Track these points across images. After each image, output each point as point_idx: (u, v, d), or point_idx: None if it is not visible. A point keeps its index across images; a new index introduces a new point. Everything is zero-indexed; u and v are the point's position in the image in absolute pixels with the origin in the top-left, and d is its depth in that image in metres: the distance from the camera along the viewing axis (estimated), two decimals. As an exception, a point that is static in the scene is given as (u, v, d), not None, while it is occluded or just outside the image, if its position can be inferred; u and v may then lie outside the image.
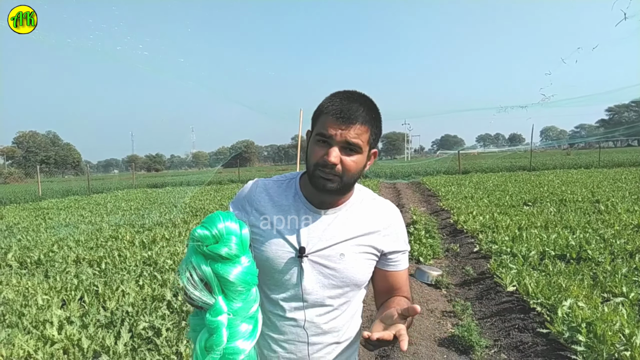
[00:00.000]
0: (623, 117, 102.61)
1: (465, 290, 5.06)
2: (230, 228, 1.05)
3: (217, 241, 1.03)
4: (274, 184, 1.36)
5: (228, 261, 1.04)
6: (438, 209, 11.01)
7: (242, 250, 1.07)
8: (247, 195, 1.35)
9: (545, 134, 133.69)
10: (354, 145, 1.18)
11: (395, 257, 1.34)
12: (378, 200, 1.37)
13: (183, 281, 1.02)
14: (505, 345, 3.57)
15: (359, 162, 1.22)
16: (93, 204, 17.41)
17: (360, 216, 1.31)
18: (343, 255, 1.26)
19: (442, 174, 25.60)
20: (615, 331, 3.07)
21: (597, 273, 4.62)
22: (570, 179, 16.72)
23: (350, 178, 1.22)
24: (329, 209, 1.29)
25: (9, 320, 4.07)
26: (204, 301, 1.02)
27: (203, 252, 1.03)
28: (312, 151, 1.22)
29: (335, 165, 1.17)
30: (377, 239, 1.30)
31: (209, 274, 1.02)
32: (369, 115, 1.21)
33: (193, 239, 1.04)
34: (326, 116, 1.19)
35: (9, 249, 7.60)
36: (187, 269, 1.03)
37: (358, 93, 1.25)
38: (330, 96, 1.24)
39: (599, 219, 7.48)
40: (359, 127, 1.18)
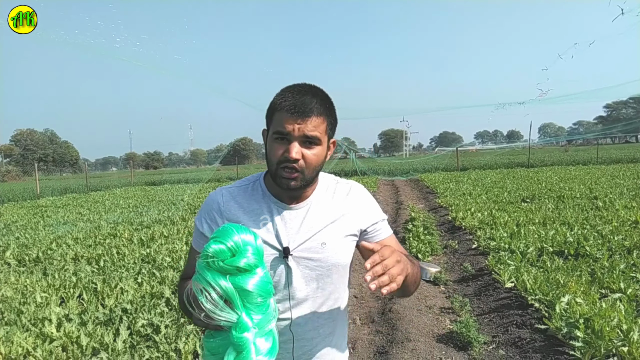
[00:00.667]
0: (621, 114, 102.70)
1: (464, 286, 5.07)
2: (245, 239, 1.03)
3: (234, 254, 1.01)
4: (238, 190, 1.35)
5: (245, 273, 1.01)
6: (436, 205, 11.02)
7: (259, 261, 1.04)
8: (215, 207, 1.32)
9: (543, 131, 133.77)
10: (313, 138, 1.18)
11: (375, 228, 1.36)
12: (342, 182, 1.39)
13: (202, 302, 0.97)
14: (503, 341, 3.58)
15: (320, 154, 1.22)
16: (91, 201, 17.41)
17: (330, 201, 1.32)
18: (325, 244, 1.27)
19: (440, 170, 25.63)
20: (613, 327, 3.08)
21: (595, 269, 4.64)
22: (568, 175, 16.76)
23: (313, 171, 1.23)
24: (300, 202, 1.30)
25: (7, 318, 4.07)
26: (227, 319, 0.98)
27: (218, 268, 0.99)
28: (271, 150, 1.21)
29: (297, 160, 1.17)
30: (353, 218, 1.32)
31: (229, 289, 0.98)
32: (322, 106, 1.21)
33: (206, 256, 1.00)
34: (280, 113, 1.19)
35: (7, 247, 7.60)
36: (204, 289, 0.98)
37: (308, 85, 1.25)
38: (281, 92, 1.23)
39: (596, 216, 7.49)
40: (315, 119, 1.18)
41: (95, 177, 46.06)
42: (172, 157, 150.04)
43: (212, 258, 0.99)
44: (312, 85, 1.26)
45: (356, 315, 4.36)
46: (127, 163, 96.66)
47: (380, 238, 1.36)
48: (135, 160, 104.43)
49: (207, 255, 0.99)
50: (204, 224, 1.31)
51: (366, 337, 3.87)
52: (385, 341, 3.73)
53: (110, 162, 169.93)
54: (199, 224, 1.33)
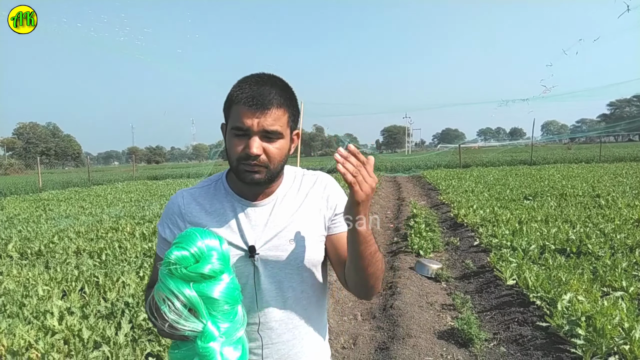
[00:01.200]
0: (624, 112, 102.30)
1: (465, 283, 5.07)
2: (210, 245, 0.99)
3: (198, 260, 0.96)
4: (200, 190, 1.28)
5: (211, 279, 0.97)
6: (438, 202, 11.01)
7: (225, 266, 1.00)
8: (176, 211, 1.25)
9: (546, 129, 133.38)
10: (274, 132, 1.12)
11: (340, 217, 1.27)
12: (308, 174, 1.33)
13: (165, 312, 0.93)
14: (504, 339, 3.58)
15: (283, 147, 1.16)
16: (93, 195, 17.44)
17: (297, 195, 1.26)
18: (292, 241, 1.21)
19: (442, 167, 25.62)
20: (615, 325, 3.08)
21: (597, 267, 4.63)
22: (571, 173, 16.72)
23: (277, 165, 1.16)
24: (265, 199, 1.23)
25: (9, 311, 4.08)
26: (193, 329, 0.94)
27: (181, 275, 0.94)
28: (231, 146, 1.14)
29: (258, 156, 1.11)
30: (320, 210, 1.26)
31: (194, 298, 0.94)
32: (282, 96, 1.14)
33: (168, 263, 0.95)
34: (238, 106, 1.12)
35: (9, 240, 7.61)
36: (166, 298, 0.94)
37: (267, 75, 1.18)
38: (238, 83, 1.16)
39: (599, 214, 7.48)
40: (275, 111, 1.12)
41: (97, 171, 46.17)
42: (175, 152, 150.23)
43: (174, 265, 0.94)
44: (270, 74, 1.19)
45: (357, 311, 4.36)
46: (130, 157, 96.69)
47: (341, 230, 1.27)
48: (137, 154, 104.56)
49: (169, 262, 0.95)
50: (166, 229, 1.25)
51: (367, 332, 3.87)
52: (386, 337, 3.73)
53: (113, 156, 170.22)
54: (161, 229, 1.26)
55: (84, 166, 69.13)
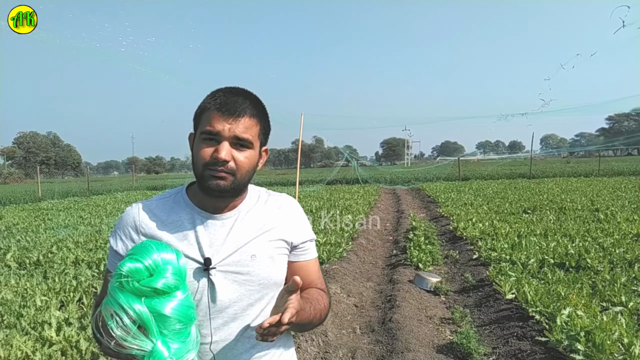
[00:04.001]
0: (623, 126, 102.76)
1: (464, 297, 5.06)
2: (165, 258, 0.94)
3: (152, 274, 0.91)
4: (157, 202, 1.23)
5: (164, 294, 0.92)
6: (437, 215, 11.01)
7: (180, 282, 0.95)
8: (129, 222, 1.19)
9: (545, 142, 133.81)
10: (244, 140, 1.10)
11: (304, 246, 1.28)
12: (274, 195, 1.30)
13: (112, 328, 0.87)
14: (503, 353, 3.57)
15: (252, 158, 1.14)
16: (92, 205, 17.42)
17: (261, 213, 1.23)
18: (255, 256, 1.17)
19: (442, 180, 25.64)
20: (614, 340, 3.07)
21: (596, 282, 4.62)
22: (570, 187, 16.74)
23: (244, 176, 1.14)
24: (227, 212, 1.19)
25: (7, 321, 4.06)
26: (141, 347, 0.88)
27: (133, 289, 0.89)
28: (198, 151, 1.11)
29: (226, 162, 1.08)
30: (284, 231, 1.23)
31: (144, 314, 0.88)
32: (255, 108, 1.14)
33: (120, 275, 0.89)
34: (210, 112, 1.11)
35: (8, 250, 7.59)
36: (115, 313, 0.88)
37: (241, 88, 1.18)
38: (212, 93, 1.16)
39: (598, 228, 7.48)
40: (248, 120, 1.11)
41: (97, 181, 46.15)
42: (174, 162, 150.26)
43: (126, 278, 0.89)
44: (244, 88, 1.19)
45: (356, 325, 4.35)
46: (129, 167, 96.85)
47: (306, 258, 1.29)
48: (137, 164, 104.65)
49: (121, 274, 0.89)
50: (118, 242, 1.19)
51: (366, 346, 3.86)
52: (385, 351, 3.71)
53: (112, 166, 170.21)
54: (113, 242, 1.20)
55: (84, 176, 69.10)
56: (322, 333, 3.91)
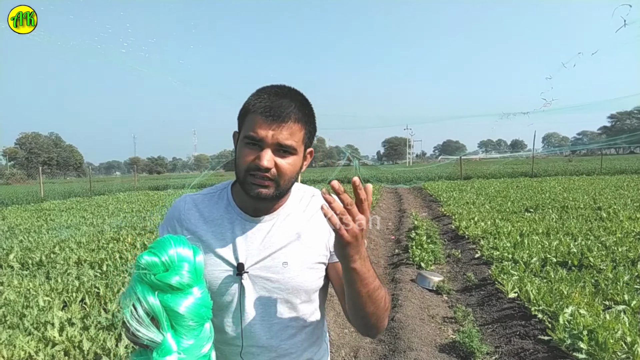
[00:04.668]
0: (625, 125, 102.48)
1: (467, 296, 5.05)
2: (182, 254, 0.95)
3: (167, 269, 0.93)
4: (203, 197, 1.23)
5: (179, 292, 0.93)
6: (439, 214, 11.00)
7: (195, 280, 0.96)
8: (176, 215, 1.21)
9: (547, 141, 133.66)
10: (288, 147, 1.06)
11: None
12: (318, 195, 1.24)
13: (126, 316, 0.90)
14: (506, 352, 3.56)
15: (295, 164, 1.10)
16: (95, 205, 17.44)
17: (301, 215, 1.19)
18: (286, 264, 1.13)
19: (443, 179, 25.59)
20: (617, 339, 3.07)
21: (598, 280, 4.61)
22: (572, 185, 16.71)
23: (287, 182, 1.11)
24: (266, 216, 1.17)
25: (10, 321, 4.07)
26: (150, 338, 0.90)
27: (150, 282, 0.91)
28: (241, 155, 1.09)
29: (268, 169, 1.05)
30: (323, 235, 1.18)
31: (157, 307, 0.90)
32: (301, 111, 1.09)
33: (139, 267, 0.92)
34: (254, 115, 1.07)
35: (10, 250, 7.61)
36: (131, 301, 0.91)
37: (288, 87, 1.13)
38: (257, 92, 1.11)
39: (600, 226, 7.46)
40: (292, 126, 1.06)
41: (99, 181, 46.16)
42: (176, 162, 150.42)
43: (144, 270, 0.91)
44: (291, 87, 1.14)
45: (358, 324, 4.35)
46: (131, 167, 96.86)
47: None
48: (139, 164, 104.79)
49: (139, 266, 0.92)
50: (164, 232, 1.19)
51: (368, 346, 3.86)
52: (387, 350, 3.71)
53: (114, 166, 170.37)
54: (161, 232, 1.21)
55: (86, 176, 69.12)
56: (325, 332, 3.91)
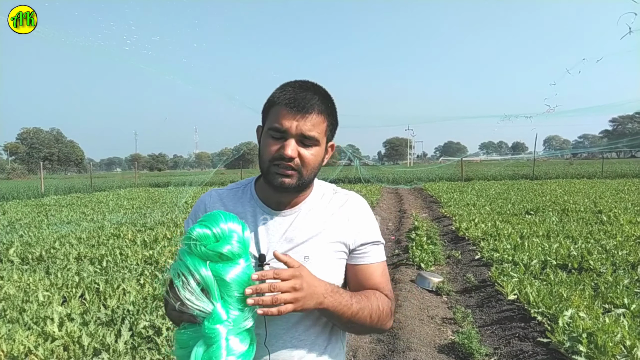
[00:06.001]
0: (627, 128, 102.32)
1: (466, 297, 5.05)
2: (232, 228, 0.99)
3: (218, 240, 0.96)
4: (228, 192, 1.27)
5: (228, 261, 0.96)
6: (440, 215, 11.00)
7: (244, 251, 0.99)
8: (201, 209, 1.24)
9: (548, 143, 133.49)
10: (311, 137, 1.09)
11: (363, 249, 1.22)
12: (341, 192, 1.28)
13: (178, 287, 0.92)
14: (505, 354, 3.56)
15: (318, 155, 1.13)
16: (95, 201, 17.46)
17: (323, 211, 1.21)
18: (308, 258, 1.15)
19: (444, 180, 25.60)
20: (617, 342, 3.07)
21: (598, 284, 4.61)
22: (573, 188, 16.70)
23: (310, 173, 1.13)
24: (288, 209, 1.20)
25: (9, 316, 4.08)
26: (202, 308, 0.93)
27: (200, 253, 0.94)
28: (265, 146, 1.12)
29: (292, 158, 1.08)
30: (344, 232, 1.20)
31: (208, 278, 0.93)
32: (324, 104, 1.12)
33: (190, 239, 0.95)
34: (278, 107, 1.10)
35: (10, 245, 7.62)
36: (182, 273, 0.93)
37: (311, 82, 1.16)
38: (281, 86, 1.15)
39: (601, 230, 7.46)
40: (315, 117, 1.10)
41: (99, 177, 46.22)
42: (177, 160, 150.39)
43: (194, 241, 0.95)
44: (314, 82, 1.17)
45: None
46: (132, 164, 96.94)
47: (365, 262, 1.22)
48: (139, 161, 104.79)
49: (191, 238, 0.95)
50: (190, 226, 1.18)
51: (367, 345, 3.86)
52: (386, 350, 3.71)
53: (115, 162, 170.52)
54: (187, 226, 1.21)
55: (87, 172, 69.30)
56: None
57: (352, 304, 1.10)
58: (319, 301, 1.03)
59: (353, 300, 1.11)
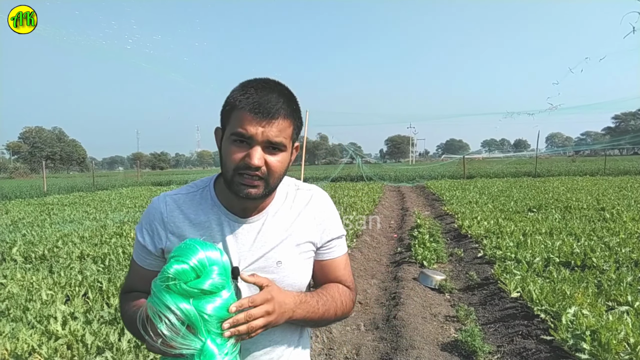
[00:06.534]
0: (630, 125, 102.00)
1: (469, 295, 5.05)
2: (212, 258, 0.93)
3: (199, 275, 0.91)
4: (185, 197, 1.18)
5: (211, 294, 0.91)
6: (442, 213, 10.99)
7: (226, 281, 0.95)
8: (157, 217, 1.16)
9: (551, 141, 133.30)
10: (278, 144, 1.04)
11: (329, 245, 1.24)
12: (303, 188, 1.25)
13: (161, 330, 0.87)
14: (508, 352, 3.56)
15: (284, 160, 1.08)
16: (98, 200, 17.48)
17: (289, 212, 1.19)
18: (280, 263, 1.14)
19: (446, 178, 25.59)
20: (620, 340, 3.06)
21: (601, 281, 4.60)
22: (576, 186, 16.67)
23: (277, 180, 1.09)
24: (255, 215, 1.16)
25: (13, 315, 4.09)
26: (190, 347, 0.89)
27: (181, 291, 0.89)
28: (228, 153, 1.05)
29: (259, 167, 1.03)
30: (312, 231, 1.20)
31: (193, 314, 0.88)
32: (290, 107, 1.07)
33: (167, 278, 0.89)
34: (241, 112, 1.02)
35: (14, 244, 7.63)
36: (161, 313, 0.88)
37: (273, 81, 1.10)
38: (242, 87, 1.07)
39: (604, 227, 7.44)
40: (282, 122, 1.04)
41: (102, 176, 46.26)
42: (179, 158, 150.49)
43: (173, 280, 0.88)
44: (277, 81, 1.11)
45: (361, 321, 4.35)
46: (134, 163, 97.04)
47: (332, 256, 1.24)
48: (142, 160, 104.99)
49: (168, 277, 0.89)
50: (145, 236, 1.16)
51: (370, 343, 3.86)
52: (389, 348, 3.71)
53: (117, 161, 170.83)
54: (140, 235, 1.17)
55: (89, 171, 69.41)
56: (327, 329, 3.92)
57: (319, 307, 1.15)
58: (289, 316, 1.07)
59: (319, 304, 1.15)
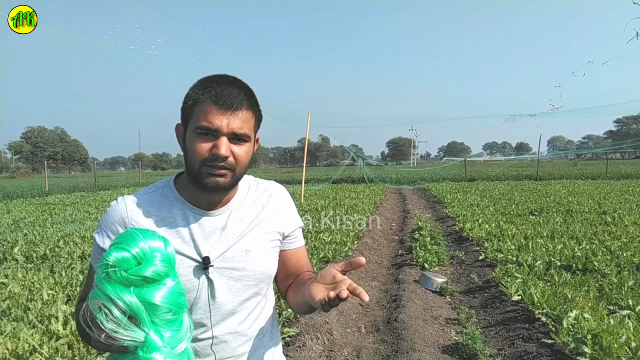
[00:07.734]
0: (631, 129, 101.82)
1: (470, 298, 5.04)
2: (153, 246, 0.91)
3: (140, 263, 0.88)
4: (144, 197, 1.18)
5: (153, 283, 0.88)
6: (443, 215, 10.99)
7: (170, 270, 0.92)
8: (117, 219, 1.14)
9: (552, 144, 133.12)
10: (243, 135, 1.08)
11: (293, 234, 1.30)
12: (262, 183, 1.30)
13: (101, 321, 0.83)
14: (509, 355, 3.55)
15: (249, 151, 1.12)
16: (99, 200, 17.49)
17: (254, 204, 1.23)
18: (249, 251, 1.17)
19: (448, 181, 25.58)
20: (622, 344, 3.05)
21: (603, 285, 4.59)
22: (577, 189, 16.65)
23: (242, 170, 1.13)
24: (220, 208, 1.18)
25: (14, 314, 4.09)
26: (133, 338, 0.85)
27: (121, 279, 0.85)
28: (194, 147, 1.07)
29: (226, 158, 1.06)
30: (277, 221, 1.25)
31: (135, 304, 0.85)
32: (250, 99, 1.11)
33: (107, 266, 0.85)
34: (204, 105, 1.06)
35: (15, 243, 7.64)
36: (103, 305, 0.84)
37: (232, 76, 1.14)
38: (202, 82, 1.10)
39: (605, 231, 7.43)
40: (245, 114, 1.08)
41: (103, 176, 46.32)
42: (180, 159, 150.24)
43: (113, 268, 0.85)
44: (235, 76, 1.15)
45: (361, 324, 4.35)
46: (136, 163, 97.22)
47: (297, 246, 1.31)
48: (143, 160, 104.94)
49: (108, 264, 0.85)
50: (105, 239, 1.13)
51: (371, 345, 3.86)
52: (390, 350, 3.71)
53: (119, 161, 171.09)
54: (99, 238, 1.14)
55: (90, 171, 69.52)
56: (327, 331, 3.92)
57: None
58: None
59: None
